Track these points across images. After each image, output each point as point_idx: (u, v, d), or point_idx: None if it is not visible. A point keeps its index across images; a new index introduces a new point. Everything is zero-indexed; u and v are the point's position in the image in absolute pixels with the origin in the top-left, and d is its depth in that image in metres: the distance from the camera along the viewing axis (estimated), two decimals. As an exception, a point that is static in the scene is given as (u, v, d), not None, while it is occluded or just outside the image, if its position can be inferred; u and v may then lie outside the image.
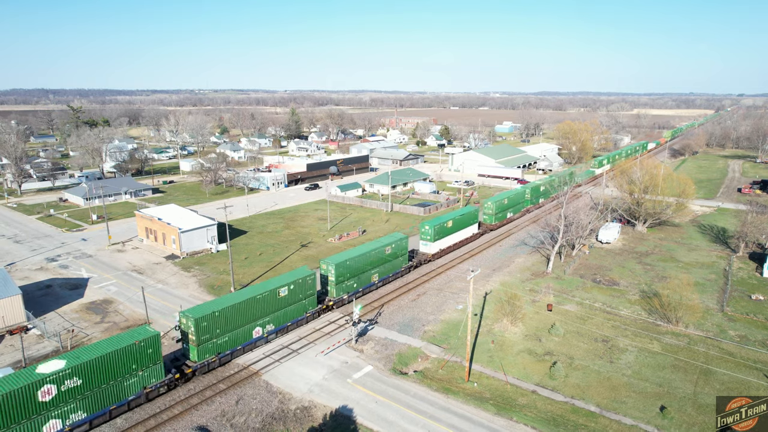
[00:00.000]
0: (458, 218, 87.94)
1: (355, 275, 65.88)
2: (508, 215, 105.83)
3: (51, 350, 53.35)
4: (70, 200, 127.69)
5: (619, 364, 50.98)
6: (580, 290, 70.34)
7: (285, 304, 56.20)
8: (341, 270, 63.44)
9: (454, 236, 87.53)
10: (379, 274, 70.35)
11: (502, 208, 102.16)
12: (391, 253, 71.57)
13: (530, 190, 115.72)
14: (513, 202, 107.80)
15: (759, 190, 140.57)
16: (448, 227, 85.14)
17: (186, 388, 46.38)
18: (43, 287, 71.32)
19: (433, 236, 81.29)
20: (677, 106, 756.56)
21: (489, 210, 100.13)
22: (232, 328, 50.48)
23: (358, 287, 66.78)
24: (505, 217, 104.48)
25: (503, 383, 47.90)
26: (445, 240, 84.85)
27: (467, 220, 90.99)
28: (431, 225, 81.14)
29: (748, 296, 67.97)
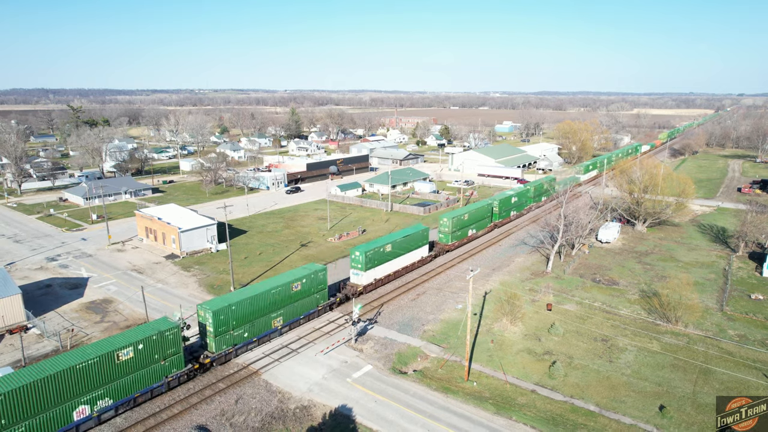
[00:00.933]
0: (400, 240, 73.52)
1: (248, 321, 51.75)
2: (469, 232, 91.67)
3: (51, 350, 53.38)
4: (70, 200, 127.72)
5: (618, 364, 51.01)
6: (579, 290, 70.37)
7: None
8: (224, 317, 49.36)
9: (395, 262, 73.12)
10: (285, 317, 56.06)
11: (461, 225, 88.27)
12: (301, 290, 57.61)
13: (499, 203, 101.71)
14: (476, 217, 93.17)
15: (759, 189, 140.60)
16: (387, 252, 70.72)
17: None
18: (42, 287, 71.35)
19: (365, 263, 66.81)
20: (677, 106, 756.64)
21: (445, 227, 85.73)
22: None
23: (251, 336, 52.54)
24: (465, 235, 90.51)
25: (503, 382, 47.94)
26: (382, 268, 70.46)
27: (415, 240, 77.17)
28: (363, 250, 66.44)
29: (747, 296, 68.00)
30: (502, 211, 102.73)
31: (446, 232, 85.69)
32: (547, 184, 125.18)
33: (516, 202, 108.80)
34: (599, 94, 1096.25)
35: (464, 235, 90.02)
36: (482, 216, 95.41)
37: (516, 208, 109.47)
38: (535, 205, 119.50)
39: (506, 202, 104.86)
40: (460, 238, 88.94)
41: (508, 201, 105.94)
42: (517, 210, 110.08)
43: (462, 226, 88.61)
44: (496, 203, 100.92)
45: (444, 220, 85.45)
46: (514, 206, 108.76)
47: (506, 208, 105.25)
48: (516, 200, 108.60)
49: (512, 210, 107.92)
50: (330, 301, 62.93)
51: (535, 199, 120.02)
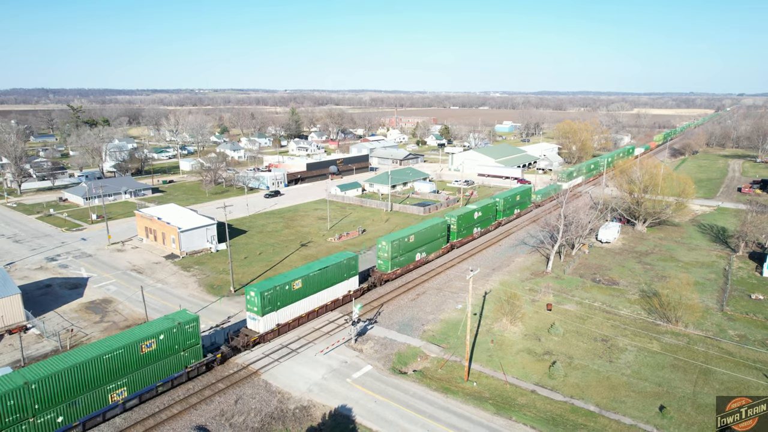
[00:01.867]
0: (315, 274, 59.46)
1: (74, 396, 39.78)
2: (417, 256, 77.65)
3: (50, 350, 53.34)
4: (70, 200, 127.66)
5: (618, 364, 50.96)
6: (579, 290, 70.32)
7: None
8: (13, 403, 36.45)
9: (308, 301, 59.27)
10: (131, 388, 43.00)
11: (405, 249, 73.98)
12: (159, 350, 44.51)
13: (457, 220, 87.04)
14: (426, 237, 78.89)
15: (759, 189, 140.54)
16: (295, 290, 56.99)
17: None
18: (42, 287, 71.30)
19: (263, 306, 53.33)
20: (677, 106, 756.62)
21: (383, 252, 71.57)
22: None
23: (69, 423, 39.60)
24: (411, 260, 76.49)
25: (502, 383, 47.89)
26: (288, 309, 56.80)
27: (337, 272, 62.95)
28: (258, 290, 53.05)
29: (747, 296, 67.94)
30: (461, 229, 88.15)
31: (385, 257, 71.48)
32: (520, 195, 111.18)
33: (480, 218, 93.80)
34: (599, 94, 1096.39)
35: (410, 260, 75.89)
36: (434, 236, 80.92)
37: (481, 224, 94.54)
38: (505, 219, 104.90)
39: (467, 218, 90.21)
40: (404, 264, 74.70)
41: (470, 217, 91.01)
42: (482, 226, 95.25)
43: (406, 250, 74.40)
44: (453, 220, 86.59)
45: (382, 243, 71.25)
46: (478, 222, 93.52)
47: (467, 224, 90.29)
48: (480, 215, 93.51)
49: (476, 226, 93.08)
50: (207, 359, 48.45)
51: (506, 212, 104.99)
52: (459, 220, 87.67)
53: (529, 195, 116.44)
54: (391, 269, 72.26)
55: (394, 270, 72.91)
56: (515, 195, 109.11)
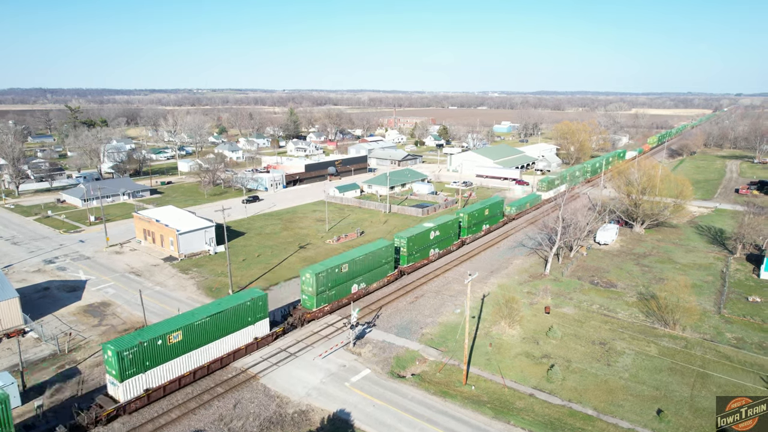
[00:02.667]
0: (206, 322, 48.21)
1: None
2: (354, 288, 65.47)
3: (48, 354, 53.33)
4: (68, 201, 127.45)
5: (616, 367, 51.10)
6: (577, 292, 70.46)
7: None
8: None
9: (194, 355, 47.72)
10: None
11: (337, 281, 62.06)
12: None
13: (407, 242, 74.96)
14: (366, 265, 66.59)
15: (756, 190, 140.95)
16: (173, 344, 45.62)
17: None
18: (40, 289, 71.22)
19: (122, 369, 42.01)
20: (675, 106, 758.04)
21: (308, 285, 59.63)
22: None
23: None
24: (346, 292, 64.44)
25: (501, 386, 47.99)
26: (163, 369, 45.17)
27: (237, 316, 51.18)
28: (116, 348, 41.81)
29: (745, 298, 68.17)
30: (413, 252, 76.70)
31: (309, 292, 59.85)
32: (489, 209, 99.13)
33: (438, 237, 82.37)
34: (597, 94, 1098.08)
35: (343, 293, 64.05)
36: (377, 263, 68.60)
37: (439, 244, 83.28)
38: (471, 237, 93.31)
39: (421, 238, 78.19)
40: (335, 298, 62.86)
41: (425, 237, 79.02)
42: (440, 247, 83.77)
43: (338, 282, 62.53)
44: (403, 241, 75.11)
45: (306, 275, 59.40)
46: (435, 243, 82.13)
47: (421, 246, 78.61)
48: (438, 234, 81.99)
49: (432, 248, 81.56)
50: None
51: (472, 229, 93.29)
52: (410, 241, 75.49)
53: (500, 208, 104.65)
54: (317, 306, 59.73)
55: (321, 307, 60.21)
56: (483, 209, 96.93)
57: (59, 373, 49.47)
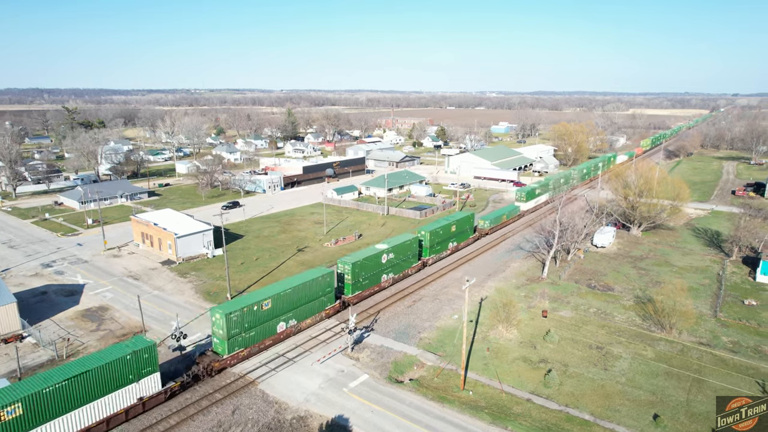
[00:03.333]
0: (62, 387, 38.18)
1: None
2: (280, 327, 56.19)
3: (46, 359, 53.32)
4: (66, 204, 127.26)
5: (613, 372, 51.35)
6: (575, 296, 70.72)
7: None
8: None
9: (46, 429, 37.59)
10: None
11: (256, 320, 52.83)
12: None
13: (352, 268, 65.10)
14: (297, 298, 57.64)
15: (752, 192, 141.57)
16: (11, 421, 35.52)
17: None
18: (38, 294, 71.15)
19: None
20: (672, 106, 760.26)
21: (219, 327, 50.26)
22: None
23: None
24: (270, 332, 55.11)
25: (498, 391, 48.19)
26: None
27: (113, 375, 41.71)
28: None
29: (741, 301, 68.52)
30: (360, 279, 66.77)
31: (221, 335, 50.33)
32: (457, 225, 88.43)
33: (392, 261, 72.25)
34: (595, 94, 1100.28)
35: (267, 332, 54.51)
36: (313, 294, 59.60)
37: (393, 269, 73.43)
38: (434, 257, 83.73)
39: (370, 264, 68.39)
40: (255, 340, 53.38)
41: (375, 262, 68.98)
42: (394, 272, 73.93)
43: (258, 322, 53.15)
44: (347, 267, 65.20)
45: (216, 316, 50.30)
46: (390, 267, 72.43)
47: (371, 272, 68.96)
48: (392, 257, 72.19)
49: (385, 273, 71.97)
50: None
51: (436, 248, 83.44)
52: (356, 268, 65.69)
53: (470, 223, 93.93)
54: (229, 352, 50.56)
55: (234, 353, 51.08)
56: (449, 225, 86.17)
57: (57, 379, 49.39)
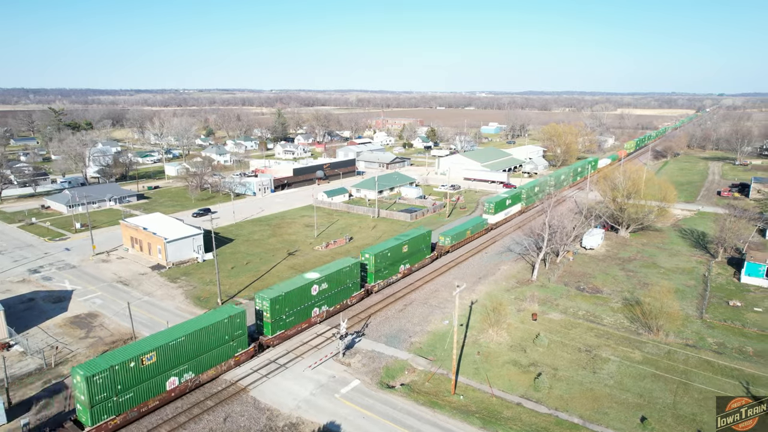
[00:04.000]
0: None
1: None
2: (171, 383, 46.41)
3: (34, 368, 52.80)
4: (53, 207, 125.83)
5: (601, 375, 52.00)
6: (564, 298, 71.43)
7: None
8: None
9: None
10: None
11: (136, 380, 43.71)
12: None
13: (271, 305, 55.05)
14: (196, 347, 48.07)
15: (737, 193, 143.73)
16: None
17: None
18: (25, 300, 70.39)
19: None
20: (660, 106, 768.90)
21: (81, 393, 41.28)
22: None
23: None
24: (158, 391, 45.74)
25: (488, 395, 48.61)
26: None
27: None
28: None
29: (726, 302, 69.66)
30: (282, 317, 56.80)
31: (83, 402, 41.25)
32: (409, 245, 78.12)
33: (325, 292, 61.91)
34: (584, 94, 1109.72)
35: (152, 391, 45.21)
36: (218, 340, 49.93)
37: (327, 300, 62.96)
38: (381, 283, 73.57)
39: (297, 297, 58.04)
40: (133, 404, 43.72)
41: (301, 296, 58.64)
42: (329, 303, 63.47)
43: (137, 382, 43.84)
44: (266, 304, 54.84)
45: (77, 378, 41.28)
46: (322, 299, 61.90)
47: (296, 307, 58.31)
48: (324, 288, 61.59)
49: (317, 306, 61.44)
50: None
51: (383, 273, 73.61)
52: (276, 304, 55.05)
53: (427, 241, 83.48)
54: (93, 423, 40.94)
55: (103, 422, 41.52)
56: (401, 245, 76.07)
57: (46, 389, 49.09)
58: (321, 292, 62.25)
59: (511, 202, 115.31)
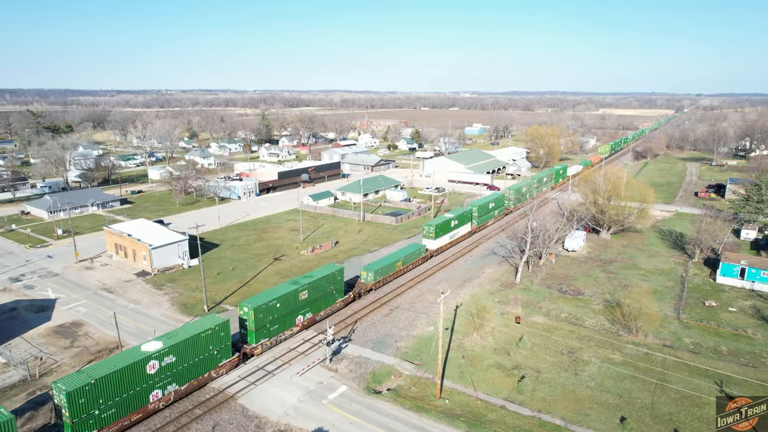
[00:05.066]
0: None
1: None
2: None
3: (18, 379, 52.37)
4: (33, 213, 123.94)
5: (583, 377, 53.41)
6: (547, 301, 72.92)
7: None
8: None
9: None
10: None
11: None
12: None
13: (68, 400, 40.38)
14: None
15: (714, 193, 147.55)
16: None
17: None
18: (6, 310, 69.51)
19: None
20: (641, 106, 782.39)
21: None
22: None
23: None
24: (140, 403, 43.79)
25: (473, 399, 49.64)
26: None
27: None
28: None
29: (702, 303, 71.83)
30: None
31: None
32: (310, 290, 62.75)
33: (167, 369, 46.75)
34: (566, 94, 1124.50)
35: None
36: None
37: (173, 378, 47.62)
38: (270, 341, 58.13)
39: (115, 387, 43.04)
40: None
41: (132, 379, 44.11)
42: (177, 382, 48.06)
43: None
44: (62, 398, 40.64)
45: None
46: (158, 382, 46.22)
47: (122, 394, 43.61)
48: (170, 362, 46.96)
49: (157, 387, 46.28)
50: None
51: (270, 331, 57.82)
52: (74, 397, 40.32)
53: (338, 281, 67.70)
54: None
55: None
56: (297, 292, 60.91)
57: (31, 400, 48.78)
58: (164, 368, 46.71)
59: (458, 223, 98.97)
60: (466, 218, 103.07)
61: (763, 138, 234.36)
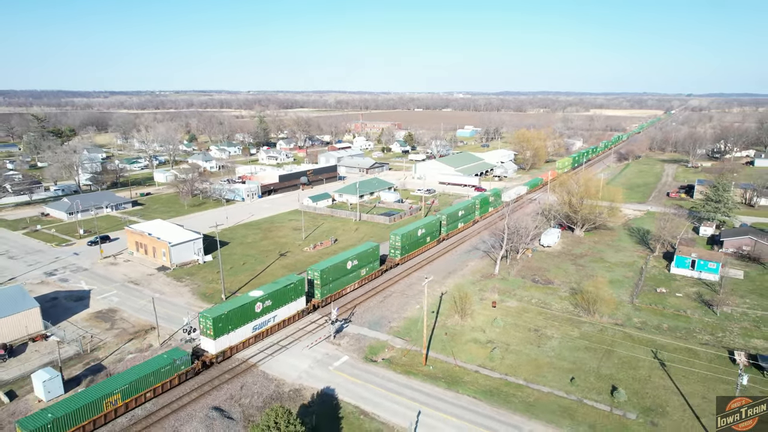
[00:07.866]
0: None
1: None
2: None
3: (73, 353, 62.43)
4: (52, 215, 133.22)
5: (544, 348, 64.16)
6: (520, 289, 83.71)
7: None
8: None
9: None
10: None
11: None
12: None
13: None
14: None
15: (684, 194, 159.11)
16: None
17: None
18: (49, 299, 79.30)
19: None
20: (631, 107, 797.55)
21: None
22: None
23: None
24: None
25: (453, 366, 60.27)
26: None
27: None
28: None
29: (654, 289, 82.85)
30: None
31: None
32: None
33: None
34: (559, 94, 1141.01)
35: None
36: None
37: None
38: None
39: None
40: None
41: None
42: None
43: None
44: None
45: None
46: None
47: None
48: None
49: None
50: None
51: None
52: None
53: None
54: None
55: None
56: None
57: (88, 369, 58.92)
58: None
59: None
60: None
61: (736, 140, 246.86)
